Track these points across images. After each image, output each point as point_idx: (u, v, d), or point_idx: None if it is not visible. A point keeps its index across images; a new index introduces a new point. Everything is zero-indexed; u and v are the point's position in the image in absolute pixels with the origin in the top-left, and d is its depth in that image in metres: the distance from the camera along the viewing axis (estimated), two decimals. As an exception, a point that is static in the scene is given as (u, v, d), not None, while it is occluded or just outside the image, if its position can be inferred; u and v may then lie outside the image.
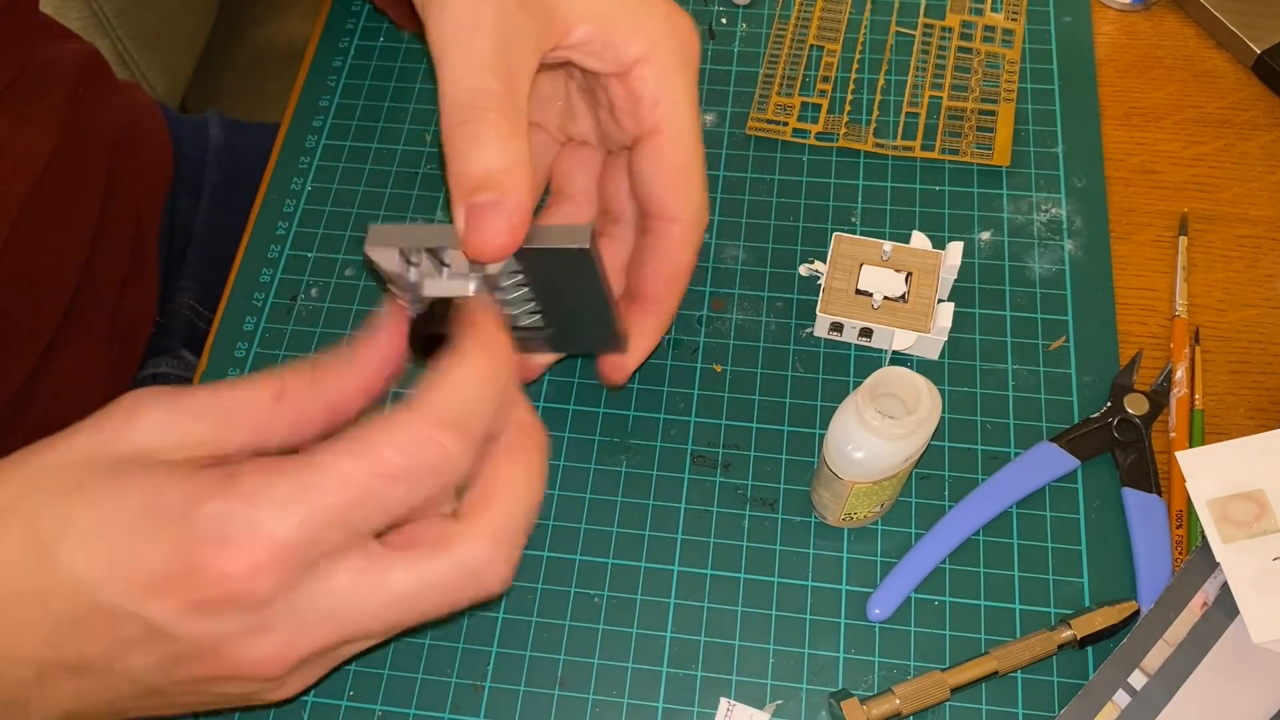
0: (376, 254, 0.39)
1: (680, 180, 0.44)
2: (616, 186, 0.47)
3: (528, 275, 0.40)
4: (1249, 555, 0.43)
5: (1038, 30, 0.60)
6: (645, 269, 0.45)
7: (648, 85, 0.42)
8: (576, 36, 0.41)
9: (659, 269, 0.45)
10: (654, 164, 0.43)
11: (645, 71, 0.42)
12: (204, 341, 0.53)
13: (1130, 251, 0.53)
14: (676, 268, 0.45)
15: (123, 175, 0.64)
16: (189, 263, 0.71)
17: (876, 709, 0.42)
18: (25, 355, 0.56)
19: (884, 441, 0.40)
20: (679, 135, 0.43)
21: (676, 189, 0.44)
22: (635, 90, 0.42)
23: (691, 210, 0.44)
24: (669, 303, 0.45)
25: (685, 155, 0.44)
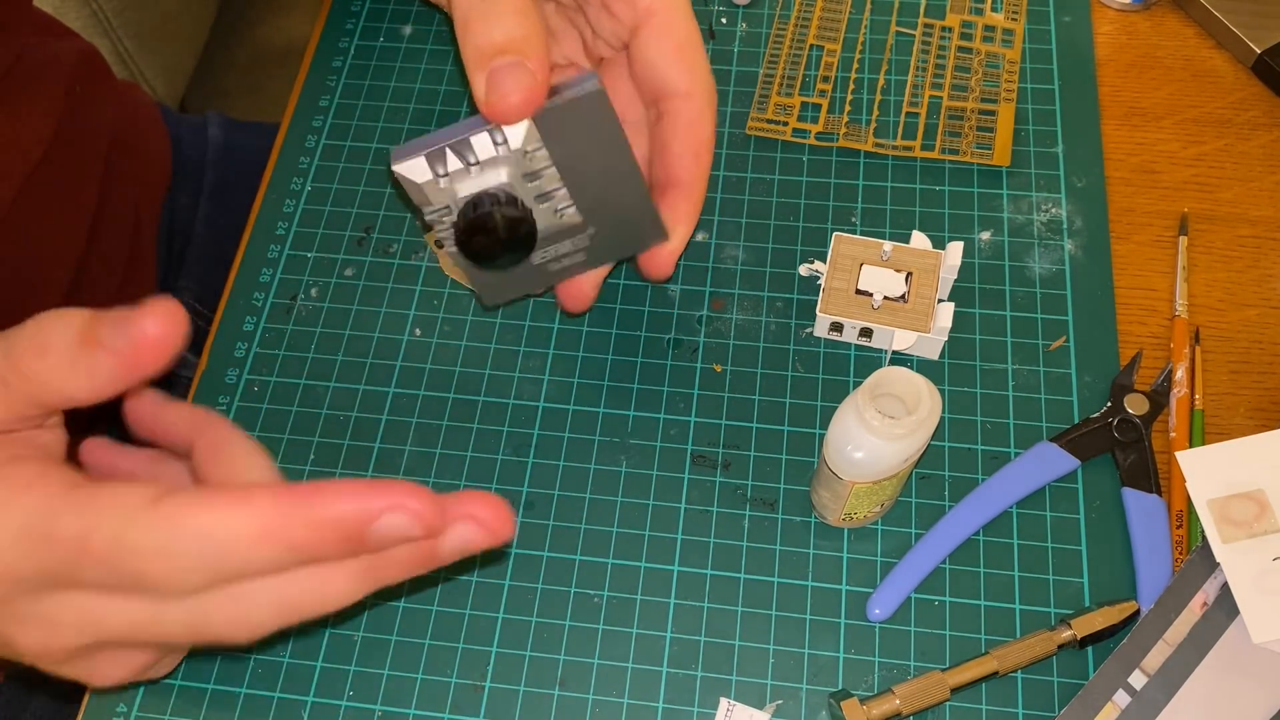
0: (404, 168, 0.39)
1: (686, 54, 0.45)
2: (616, 91, 0.47)
3: (552, 151, 0.40)
4: (1249, 555, 0.43)
5: (1038, 30, 0.60)
6: (669, 152, 0.46)
7: None
8: None
9: (684, 148, 0.45)
10: (658, 45, 0.45)
11: None
12: (203, 341, 0.53)
13: (1130, 251, 0.53)
14: (699, 143, 0.45)
15: (119, 174, 0.64)
16: (188, 262, 0.71)
17: (876, 709, 0.42)
18: None
19: (884, 441, 0.40)
20: (675, 11, 0.45)
21: (684, 63, 0.45)
22: None
23: (702, 81, 0.45)
24: (698, 182, 0.46)
25: (685, 30, 0.45)
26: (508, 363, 0.51)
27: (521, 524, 0.48)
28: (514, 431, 0.50)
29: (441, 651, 0.45)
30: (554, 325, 0.52)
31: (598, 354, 0.51)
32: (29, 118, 0.57)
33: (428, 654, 0.45)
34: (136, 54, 1.07)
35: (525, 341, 0.52)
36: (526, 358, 0.52)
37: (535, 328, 0.52)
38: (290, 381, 0.51)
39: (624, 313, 0.52)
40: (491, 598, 0.46)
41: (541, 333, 0.52)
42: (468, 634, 0.45)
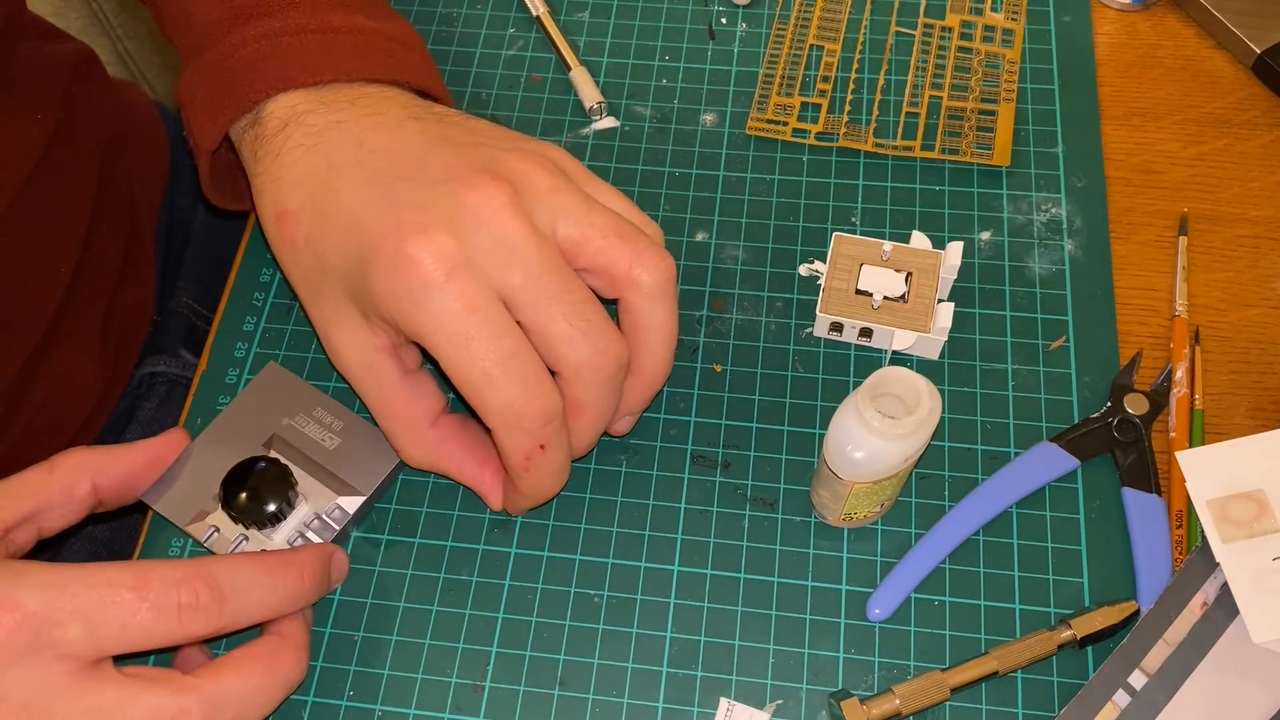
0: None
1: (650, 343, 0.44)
2: None
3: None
4: (1249, 555, 0.43)
5: (1038, 30, 0.60)
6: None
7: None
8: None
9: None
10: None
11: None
12: (203, 341, 0.53)
13: (1130, 251, 0.53)
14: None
15: (116, 174, 0.64)
16: (187, 262, 0.71)
17: (876, 709, 0.42)
18: (15, 353, 0.56)
19: (884, 441, 0.40)
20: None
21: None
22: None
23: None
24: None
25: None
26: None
27: (521, 524, 0.48)
28: (514, 431, 0.50)
29: (441, 651, 0.45)
30: (554, 325, 0.52)
31: (598, 354, 0.51)
32: (25, 120, 0.57)
33: (428, 654, 0.45)
34: (136, 54, 1.07)
35: (525, 341, 0.52)
36: (526, 358, 0.51)
37: (535, 328, 0.52)
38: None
39: (624, 313, 0.52)
40: (491, 598, 0.46)
41: (541, 333, 0.52)
42: (468, 634, 0.45)
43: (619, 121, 0.58)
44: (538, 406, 0.40)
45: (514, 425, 0.40)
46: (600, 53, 0.60)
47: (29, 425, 0.58)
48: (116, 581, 0.36)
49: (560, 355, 0.41)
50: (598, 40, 0.61)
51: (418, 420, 0.45)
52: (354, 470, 0.47)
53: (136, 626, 0.36)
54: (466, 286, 0.39)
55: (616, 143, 0.57)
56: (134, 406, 0.65)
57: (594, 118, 0.58)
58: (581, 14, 0.62)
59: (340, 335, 0.43)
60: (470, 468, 0.46)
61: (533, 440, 0.41)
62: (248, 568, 0.39)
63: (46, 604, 0.35)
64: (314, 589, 0.42)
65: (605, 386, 0.42)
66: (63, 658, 0.35)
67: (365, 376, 0.44)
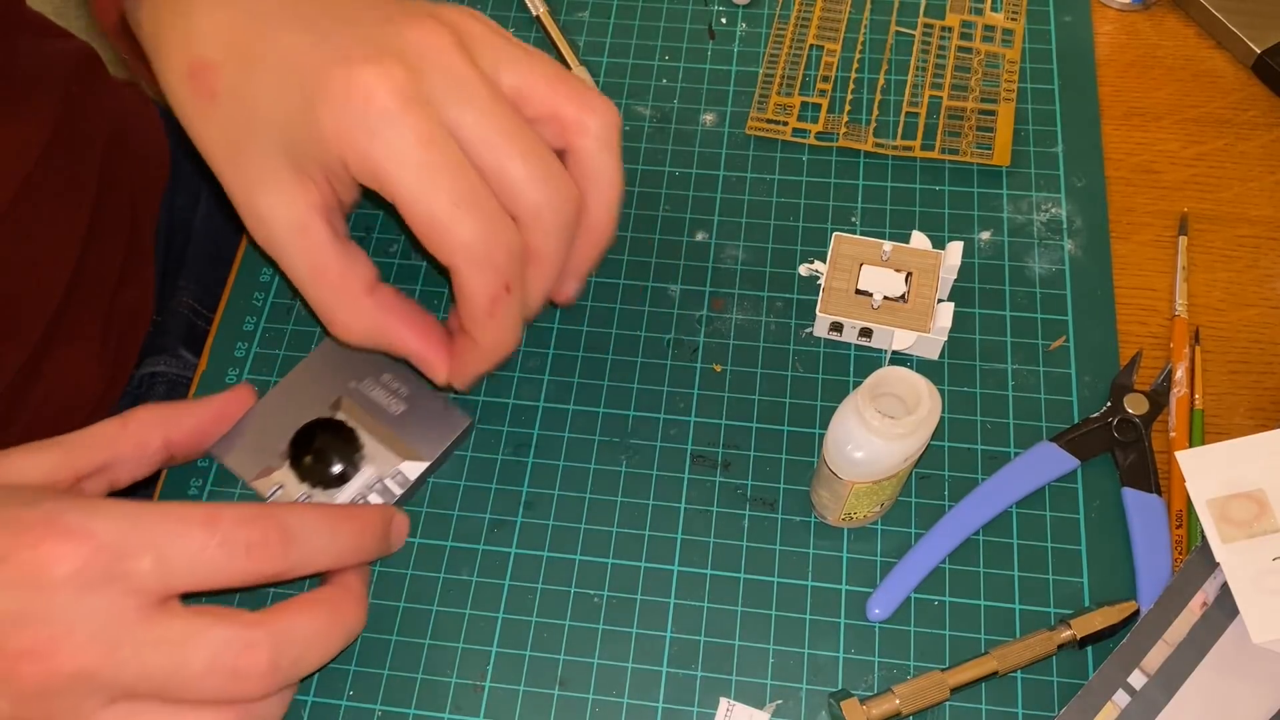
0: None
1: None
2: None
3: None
4: (1249, 555, 0.43)
5: (1038, 30, 0.60)
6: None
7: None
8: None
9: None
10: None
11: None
12: (203, 341, 0.53)
13: (1130, 251, 0.53)
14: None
15: (117, 173, 0.64)
16: (187, 262, 0.71)
17: (876, 709, 0.42)
18: (16, 351, 0.56)
19: (884, 441, 0.40)
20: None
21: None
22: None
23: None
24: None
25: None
26: (508, 363, 0.51)
27: (521, 524, 0.48)
28: (514, 431, 0.50)
29: (441, 651, 0.45)
30: (554, 325, 0.52)
31: (598, 354, 0.51)
32: (25, 120, 0.57)
33: (428, 654, 0.45)
34: (137, 54, 1.06)
35: (525, 341, 0.52)
36: (526, 358, 0.52)
37: (535, 328, 0.52)
38: (290, 381, 0.51)
39: (624, 313, 0.52)
40: (491, 598, 0.46)
41: (541, 333, 0.52)
42: (468, 634, 0.45)
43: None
44: (504, 240, 0.39)
45: (481, 262, 0.39)
46: (600, 53, 0.60)
47: (30, 424, 0.58)
48: (188, 518, 0.36)
49: (521, 197, 0.40)
50: (598, 40, 0.61)
51: (354, 286, 0.42)
52: (418, 437, 0.48)
53: (205, 562, 0.36)
54: (422, 118, 0.38)
55: (616, 143, 0.57)
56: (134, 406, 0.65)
57: (594, 118, 0.58)
58: (581, 14, 0.62)
59: (268, 197, 0.40)
60: (412, 337, 0.44)
61: (500, 278, 0.40)
62: (313, 515, 0.39)
63: (120, 536, 0.35)
64: (374, 545, 0.42)
65: (563, 233, 0.41)
66: (133, 591, 0.35)
67: (296, 241, 0.41)
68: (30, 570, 0.34)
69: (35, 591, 0.34)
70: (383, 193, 0.39)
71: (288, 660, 0.37)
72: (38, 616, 0.34)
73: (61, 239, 0.59)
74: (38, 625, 0.34)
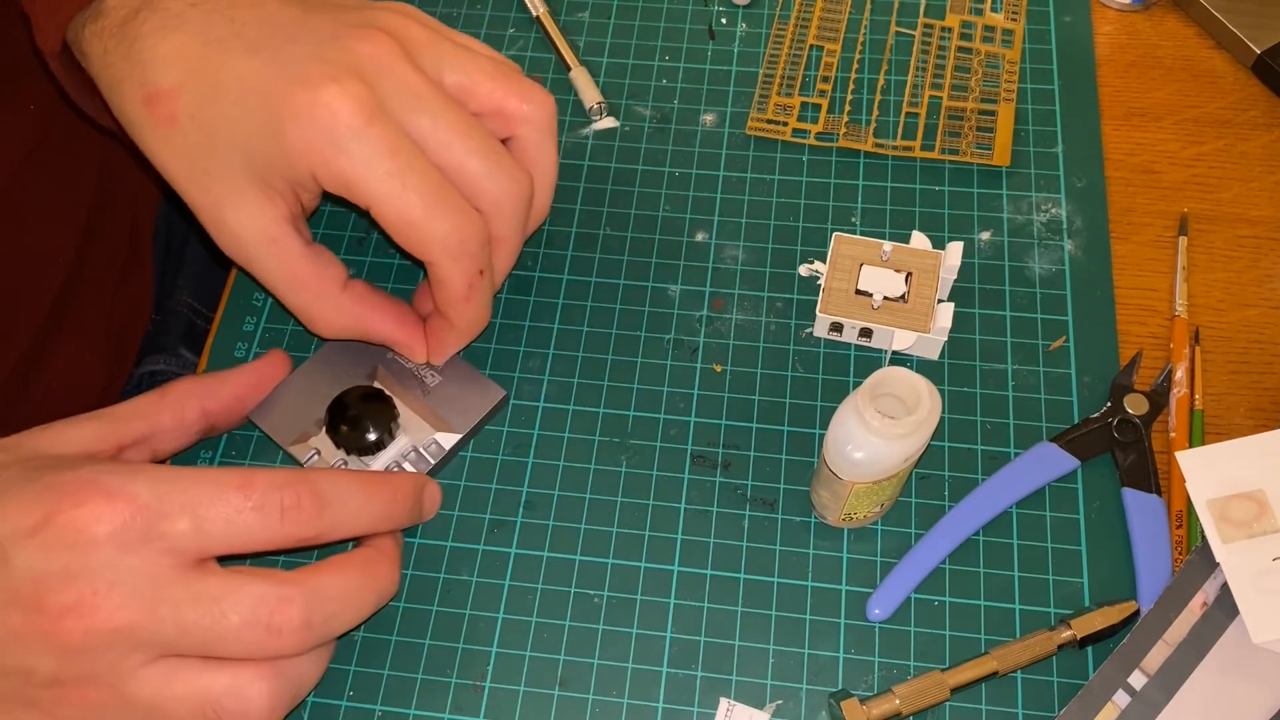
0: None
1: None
2: None
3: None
4: (1249, 555, 0.43)
5: (1038, 30, 0.60)
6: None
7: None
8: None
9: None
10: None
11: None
12: (202, 340, 0.53)
13: (1130, 251, 0.53)
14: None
15: (116, 171, 0.64)
16: (187, 261, 0.71)
17: (876, 709, 0.42)
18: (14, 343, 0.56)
19: (884, 441, 0.40)
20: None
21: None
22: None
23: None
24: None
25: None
26: (508, 363, 0.51)
27: (521, 524, 0.48)
28: (514, 431, 0.50)
29: (441, 651, 0.45)
30: (554, 325, 0.52)
31: (598, 354, 0.51)
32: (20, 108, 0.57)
33: (428, 654, 0.45)
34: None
35: (525, 341, 0.52)
36: (526, 358, 0.52)
37: (535, 328, 0.52)
38: (290, 381, 0.51)
39: (624, 313, 0.52)
40: (491, 598, 0.46)
41: (541, 333, 0.52)
42: (468, 634, 0.45)
43: (619, 121, 0.58)
44: (475, 231, 0.43)
45: (458, 252, 0.42)
46: (600, 53, 0.60)
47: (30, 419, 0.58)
48: (224, 481, 0.37)
49: (482, 190, 0.43)
50: (598, 40, 0.61)
51: (329, 287, 0.45)
52: (452, 408, 0.49)
53: (241, 524, 0.37)
54: (386, 129, 0.41)
55: (616, 143, 0.58)
56: None
57: (594, 118, 0.58)
58: (581, 14, 0.62)
59: (236, 213, 0.43)
60: (388, 325, 0.47)
61: (475, 265, 0.43)
62: (346, 481, 0.40)
63: (158, 497, 0.36)
64: (406, 512, 0.43)
65: (522, 217, 0.45)
66: (170, 550, 0.36)
67: (268, 252, 0.44)
68: (72, 530, 0.35)
69: (77, 551, 0.35)
70: (355, 200, 0.42)
71: (320, 616, 0.38)
72: (79, 575, 0.35)
73: (60, 231, 0.59)
74: (79, 583, 0.35)
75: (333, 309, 0.46)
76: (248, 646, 0.37)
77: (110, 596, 0.35)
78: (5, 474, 0.37)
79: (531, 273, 0.54)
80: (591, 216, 0.55)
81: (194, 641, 0.36)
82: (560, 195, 0.55)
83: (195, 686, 0.37)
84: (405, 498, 0.43)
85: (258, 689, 0.37)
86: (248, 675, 0.37)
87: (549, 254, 0.54)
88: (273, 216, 0.43)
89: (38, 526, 0.35)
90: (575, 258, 0.54)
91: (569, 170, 0.56)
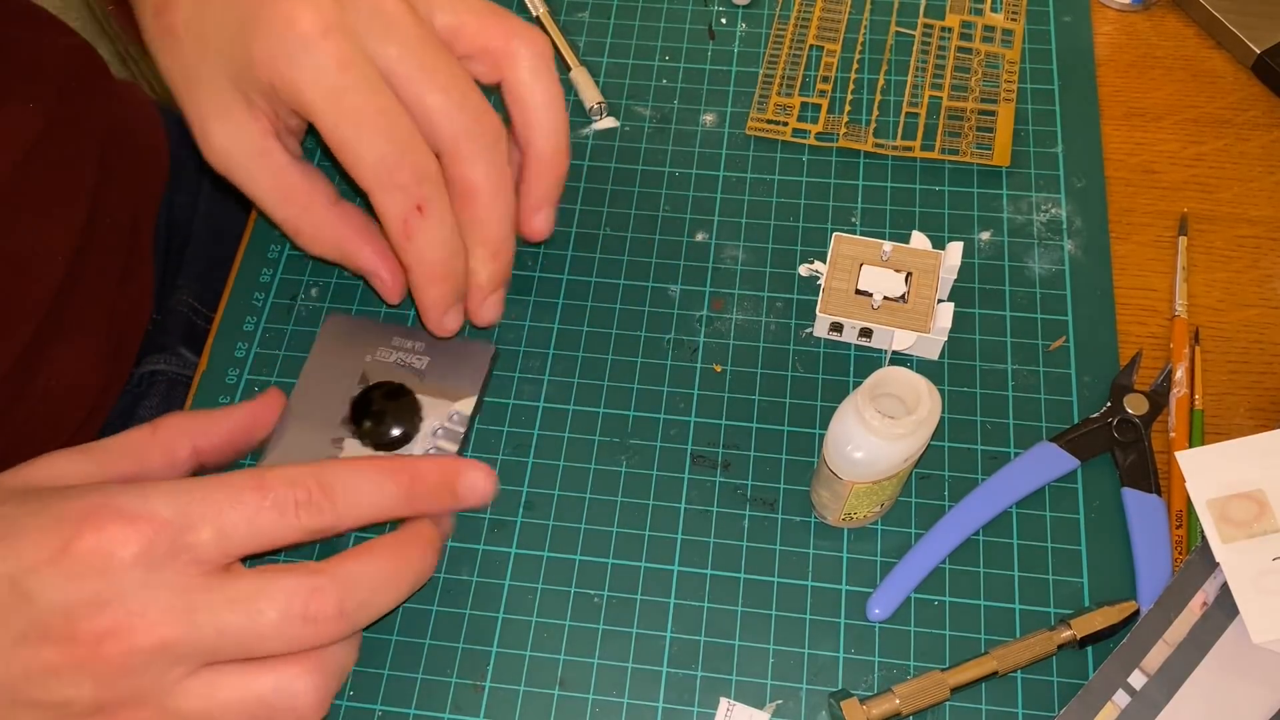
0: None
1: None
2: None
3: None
4: (1249, 555, 0.43)
5: (1037, 30, 0.60)
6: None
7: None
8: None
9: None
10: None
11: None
12: (203, 340, 0.53)
13: (1130, 251, 0.53)
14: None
15: (116, 170, 0.64)
16: (187, 261, 0.71)
17: (876, 709, 0.42)
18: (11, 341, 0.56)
19: (884, 441, 0.40)
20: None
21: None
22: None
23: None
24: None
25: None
26: (508, 363, 0.51)
27: (521, 524, 0.48)
28: (514, 431, 0.50)
29: (441, 651, 0.45)
30: (554, 325, 0.52)
31: (598, 354, 0.51)
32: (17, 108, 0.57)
33: (428, 654, 0.45)
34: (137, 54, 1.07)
35: (525, 341, 0.52)
36: (526, 358, 0.52)
37: (535, 328, 0.52)
38: (290, 382, 0.51)
39: (624, 313, 0.52)
40: (491, 598, 0.46)
41: (541, 333, 0.52)
42: (468, 634, 0.45)
43: (619, 121, 0.58)
44: (410, 161, 0.42)
45: (387, 182, 0.42)
46: (600, 53, 0.60)
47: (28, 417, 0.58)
48: (239, 485, 0.37)
49: (438, 128, 0.42)
50: (598, 40, 0.61)
51: (318, 200, 0.45)
52: (455, 377, 0.50)
53: (261, 524, 0.37)
54: (341, 45, 0.41)
55: (616, 143, 0.58)
56: (134, 405, 0.65)
57: (594, 118, 0.58)
58: (581, 14, 0.62)
59: (223, 125, 0.43)
60: (369, 253, 0.47)
61: (409, 199, 0.42)
62: (355, 468, 0.39)
63: (178, 511, 0.36)
64: (429, 495, 0.41)
65: (488, 158, 0.44)
66: (197, 561, 0.36)
67: (256, 164, 0.44)
68: (97, 556, 0.35)
69: (105, 576, 0.35)
70: (304, 116, 0.42)
71: (354, 603, 0.37)
72: (110, 599, 0.35)
73: (57, 230, 0.59)
74: (113, 607, 0.35)
75: (319, 222, 0.45)
76: (287, 640, 0.37)
77: (146, 615, 0.35)
78: (5, 510, 0.37)
79: (531, 273, 0.54)
80: (591, 216, 0.55)
81: (234, 644, 0.36)
82: (561, 195, 0.55)
83: (242, 691, 0.36)
84: (425, 482, 0.41)
85: (304, 684, 0.37)
86: (292, 672, 0.37)
87: (549, 254, 0.54)
88: (258, 129, 0.43)
89: (57, 556, 0.34)
90: (575, 258, 0.54)
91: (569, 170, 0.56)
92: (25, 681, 0.35)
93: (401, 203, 0.42)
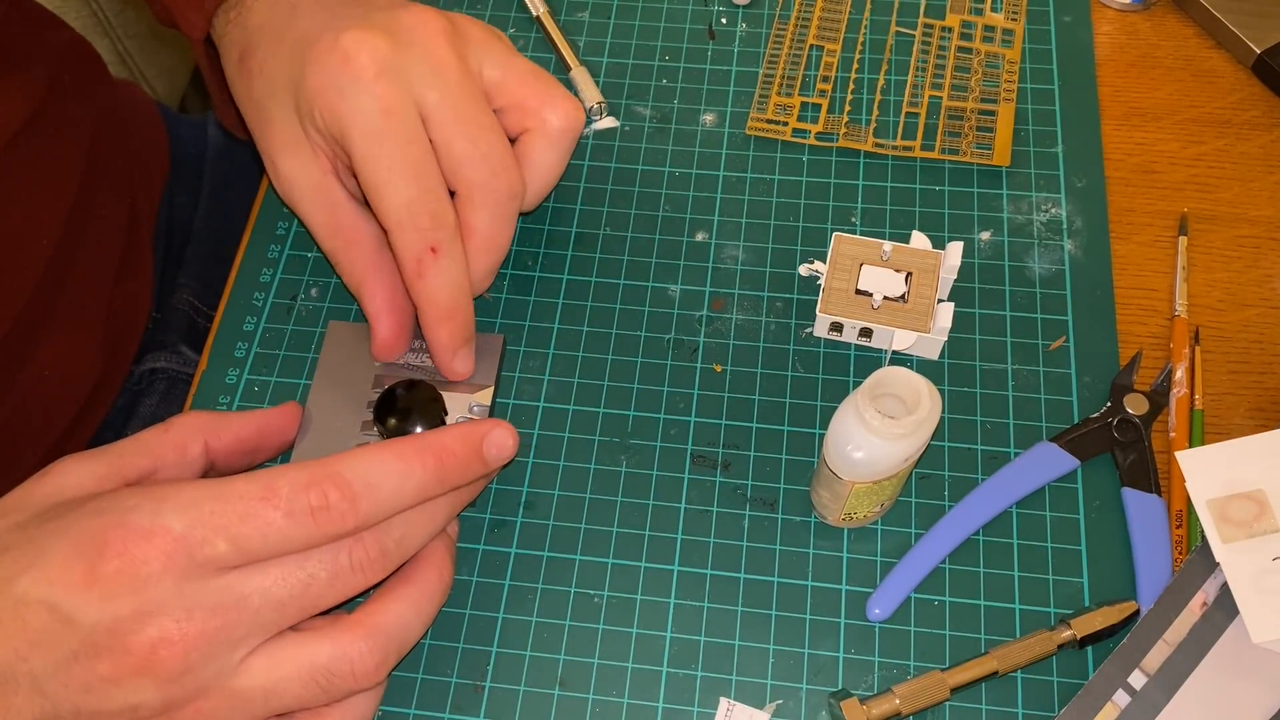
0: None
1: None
2: None
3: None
4: (1249, 555, 0.43)
5: (1038, 30, 0.60)
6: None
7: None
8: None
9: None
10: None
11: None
12: (203, 338, 0.53)
13: (1130, 251, 0.53)
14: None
15: (108, 164, 0.64)
16: (187, 260, 0.71)
17: (876, 709, 0.42)
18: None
19: (884, 441, 0.40)
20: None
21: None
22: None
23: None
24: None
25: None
26: (508, 363, 0.51)
27: (521, 524, 0.48)
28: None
29: (441, 651, 0.45)
30: (554, 325, 0.52)
31: (598, 354, 0.51)
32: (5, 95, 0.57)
33: (428, 654, 0.45)
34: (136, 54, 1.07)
35: (525, 341, 0.52)
36: (526, 358, 0.52)
37: (535, 328, 0.52)
38: (290, 382, 0.51)
39: (624, 313, 0.52)
40: (491, 598, 0.46)
41: (541, 333, 0.52)
42: (468, 634, 0.45)
43: (619, 121, 0.58)
44: (429, 208, 0.44)
45: (406, 223, 0.44)
46: (600, 53, 0.60)
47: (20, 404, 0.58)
48: (247, 494, 0.36)
49: (459, 173, 0.45)
50: (598, 40, 0.61)
51: (359, 239, 0.47)
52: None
53: (277, 535, 0.36)
54: (390, 89, 0.43)
55: (616, 143, 0.58)
56: (134, 402, 0.65)
57: (594, 118, 0.58)
58: (581, 14, 0.62)
59: (289, 159, 0.46)
60: (378, 302, 0.48)
61: (423, 240, 0.44)
62: (376, 458, 0.38)
63: (190, 525, 0.36)
64: (461, 468, 0.40)
65: (497, 211, 0.46)
66: (222, 569, 0.36)
67: (314, 198, 0.47)
68: (126, 577, 0.35)
69: (139, 592, 0.35)
70: (343, 147, 0.44)
71: (392, 539, 0.39)
72: (153, 610, 0.35)
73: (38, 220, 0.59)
74: (158, 617, 0.35)
75: (355, 260, 0.48)
76: (339, 590, 0.37)
77: (194, 617, 0.35)
78: (26, 534, 0.37)
79: (531, 273, 0.54)
80: (591, 216, 0.55)
81: (293, 611, 0.37)
82: (560, 195, 0.55)
83: (302, 662, 0.37)
84: (454, 456, 0.40)
85: (360, 649, 0.37)
86: (348, 637, 0.37)
87: (549, 254, 0.54)
88: (320, 167, 0.46)
89: (88, 581, 0.35)
90: (575, 258, 0.54)
91: (569, 170, 0.56)
92: (87, 695, 0.35)
93: (417, 243, 0.44)
